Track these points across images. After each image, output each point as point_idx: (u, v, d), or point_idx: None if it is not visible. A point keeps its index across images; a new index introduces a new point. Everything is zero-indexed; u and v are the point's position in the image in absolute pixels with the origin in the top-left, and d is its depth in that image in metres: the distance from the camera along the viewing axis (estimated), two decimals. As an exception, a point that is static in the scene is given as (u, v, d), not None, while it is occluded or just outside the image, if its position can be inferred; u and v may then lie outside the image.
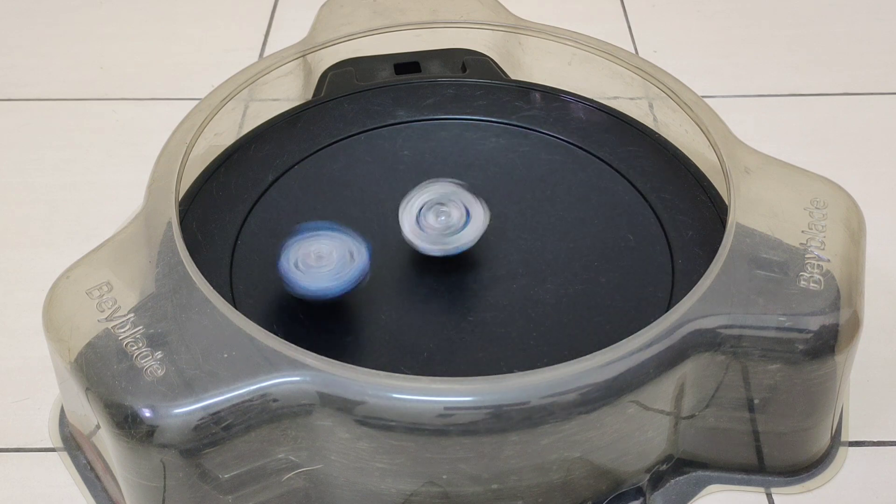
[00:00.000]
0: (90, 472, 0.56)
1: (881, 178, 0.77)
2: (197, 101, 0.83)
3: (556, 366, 0.48)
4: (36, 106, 0.87)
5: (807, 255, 0.53)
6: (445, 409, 0.47)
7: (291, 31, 0.96)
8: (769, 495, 0.56)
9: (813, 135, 0.83)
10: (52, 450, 0.58)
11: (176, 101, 0.88)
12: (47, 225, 0.75)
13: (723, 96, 0.87)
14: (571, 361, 0.49)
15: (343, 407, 0.48)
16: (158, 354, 0.48)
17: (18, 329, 0.66)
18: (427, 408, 0.47)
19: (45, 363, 0.63)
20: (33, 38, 0.95)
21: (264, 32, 0.96)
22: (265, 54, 0.93)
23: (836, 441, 0.58)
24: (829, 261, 0.53)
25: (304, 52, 0.70)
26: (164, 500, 0.49)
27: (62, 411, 0.59)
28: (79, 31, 0.96)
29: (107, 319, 0.50)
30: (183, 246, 0.54)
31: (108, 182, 0.79)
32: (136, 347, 0.49)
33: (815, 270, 0.53)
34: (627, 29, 0.96)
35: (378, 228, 0.61)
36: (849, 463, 0.57)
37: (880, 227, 0.70)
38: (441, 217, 0.58)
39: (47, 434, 0.59)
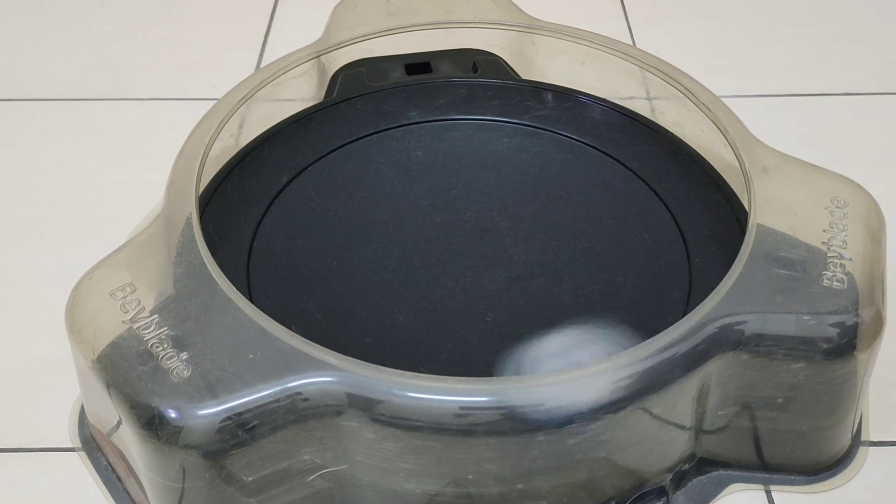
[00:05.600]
0: (111, 473, 0.56)
1: (881, 178, 0.77)
2: (197, 101, 0.83)
3: (583, 366, 0.48)
4: (36, 106, 0.86)
5: (829, 254, 0.53)
6: (476, 409, 0.47)
7: (291, 31, 0.96)
8: (790, 494, 0.56)
9: (813, 135, 0.83)
10: (72, 449, 0.58)
11: (176, 101, 0.87)
12: (47, 225, 0.74)
13: (723, 96, 0.87)
14: (598, 361, 0.49)
15: (370, 407, 0.47)
16: (184, 355, 0.48)
17: (19, 329, 0.66)
18: (459, 409, 0.47)
19: (46, 363, 0.63)
20: (33, 38, 0.95)
21: (264, 32, 0.95)
22: (265, 54, 0.92)
23: (856, 440, 0.58)
24: (851, 259, 0.53)
25: (319, 52, 0.69)
26: (190, 502, 0.49)
27: (82, 412, 0.59)
28: (79, 31, 0.96)
29: (131, 320, 0.50)
30: (205, 247, 0.54)
31: (108, 182, 0.78)
32: (161, 348, 0.49)
33: (838, 269, 0.53)
34: (627, 29, 0.96)
35: (393, 229, 0.61)
36: (869, 462, 0.58)
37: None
38: None
39: (67, 435, 0.59)
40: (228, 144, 0.66)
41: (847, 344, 0.51)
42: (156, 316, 0.50)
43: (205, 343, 0.49)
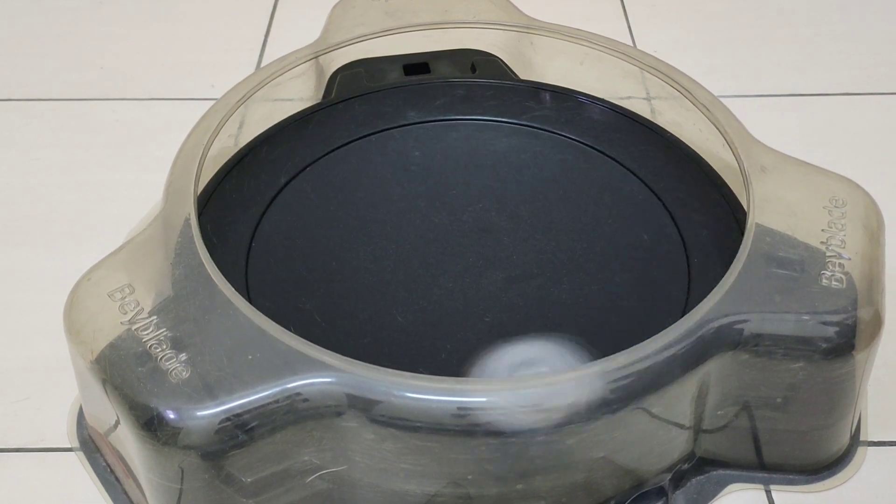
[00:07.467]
0: (110, 474, 0.56)
1: (880, 178, 0.77)
2: (197, 101, 0.83)
3: (583, 365, 0.48)
4: (36, 106, 0.86)
5: (828, 254, 0.53)
6: (474, 409, 0.47)
7: (291, 31, 0.96)
8: (789, 493, 0.56)
9: (813, 135, 0.83)
10: (69, 449, 0.58)
11: (176, 101, 0.87)
12: (47, 225, 0.74)
13: (722, 96, 0.87)
14: (597, 361, 0.49)
15: (369, 408, 0.47)
16: (183, 356, 0.48)
17: (19, 329, 0.66)
18: (457, 409, 0.47)
19: (45, 364, 0.63)
20: (33, 38, 0.95)
21: (264, 32, 0.95)
22: (265, 54, 0.92)
23: (855, 440, 0.58)
24: (849, 259, 0.53)
25: (317, 52, 0.69)
26: (188, 503, 0.49)
27: (80, 412, 0.59)
28: (79, 31, 0.96)
29: (129, 322, 0.50)
30: (203, 248, 0.54)
31: (108, 182, 0.78)
32: (160, 349, 0.49)
33: (837, 269, 0.53)
34: (627, 29, 0.96)
35: (391, 230, 0.61)
36: (868, 462, 0.58)
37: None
38: None
39: (65, 435, 0.59)
40: (227, 145, 0.66)
41: (846, 344, 0.51)
42: (154, 317, 0.50)
43: (203, 344, 0.49)
